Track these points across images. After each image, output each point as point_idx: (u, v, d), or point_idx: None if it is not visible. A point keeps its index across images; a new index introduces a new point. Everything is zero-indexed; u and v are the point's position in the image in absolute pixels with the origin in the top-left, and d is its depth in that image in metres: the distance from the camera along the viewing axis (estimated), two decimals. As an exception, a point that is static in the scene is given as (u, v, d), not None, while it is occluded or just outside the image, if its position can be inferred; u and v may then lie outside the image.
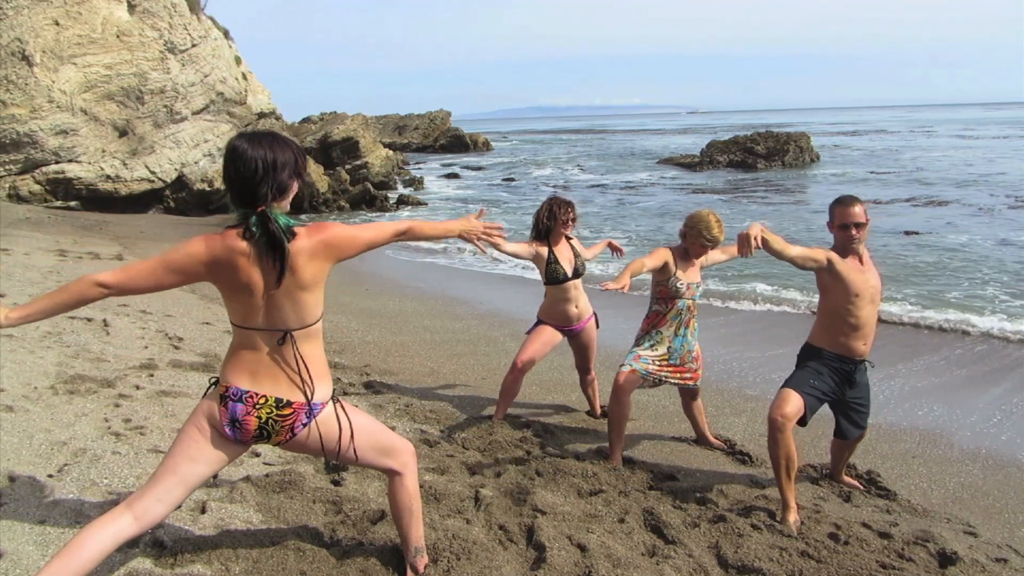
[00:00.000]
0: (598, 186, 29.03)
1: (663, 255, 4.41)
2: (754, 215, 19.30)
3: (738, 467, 4.62)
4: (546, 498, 3.54)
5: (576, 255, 4.99)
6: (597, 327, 5.17)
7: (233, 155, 2.20)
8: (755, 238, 3.44)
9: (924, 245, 14.32)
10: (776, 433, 3.63)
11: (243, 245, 2.20)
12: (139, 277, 2.23)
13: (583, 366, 5.26)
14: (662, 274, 4.45)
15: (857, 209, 3.80)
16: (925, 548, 3.37)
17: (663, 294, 4.48)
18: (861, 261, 3.85)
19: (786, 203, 21.59)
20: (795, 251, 3.69)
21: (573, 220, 4.94)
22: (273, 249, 2.19)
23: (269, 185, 2.20)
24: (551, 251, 4.89)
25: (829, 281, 3.82)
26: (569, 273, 4.89)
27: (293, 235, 2.23)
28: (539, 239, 4.93)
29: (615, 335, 7.30)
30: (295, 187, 2.31)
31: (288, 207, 2.32)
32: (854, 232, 3.78)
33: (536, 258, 4.89)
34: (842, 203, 3.85)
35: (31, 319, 2.24)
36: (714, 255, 4.65)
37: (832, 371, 3.85)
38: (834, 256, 3.80)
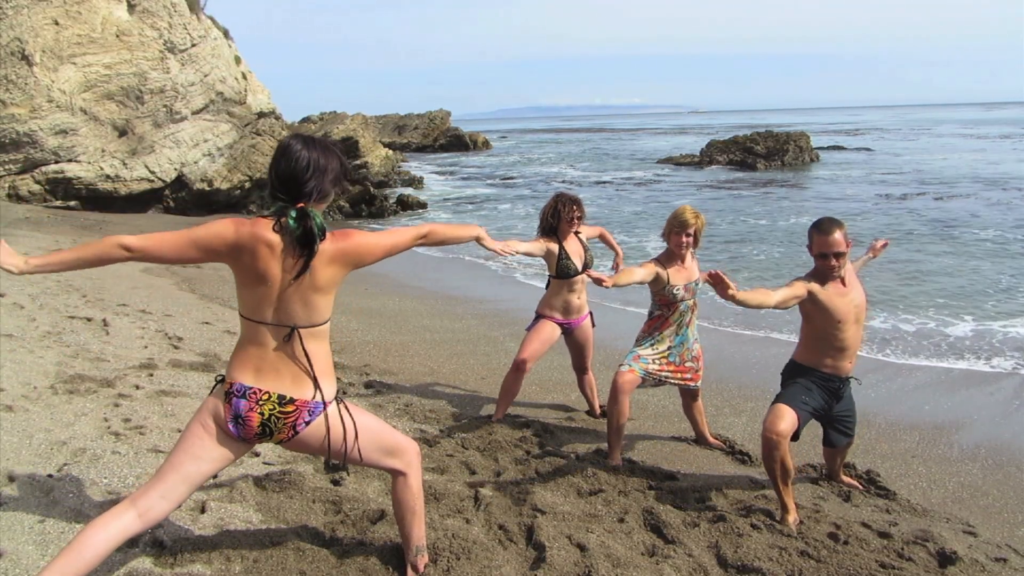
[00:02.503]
0: (600, 183, 29.07)
1: (652, 269, 4.38)
2: (788, 211, 19.33)
3: (738, 467, 4.63)
4: (546, 498, 3.55)
5: (585, 249, 5.02)
6: (593, 325, 5.19)
7: (286, 151, 2.29)
8: (729, 289, 3.26)
9: (950, 240, 14.46)
10: (772, 451, 3.58)
11: (270, 236, 2.24)
12: (164, 246, 2.25)
13: (580, 365, 5.27)
14: (656, 284, 4.46)
15: (836, 236, 3.60)
16: (925, 548, 3.37)
17: (664, 301, 4.50)
18: (844, 282, 3.71)
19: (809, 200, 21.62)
20: (776, 298, 3.55)
21: (579, 218, 4.92)
22: (303, 245, 2.24)
23: (314, 185, 2.28)
24: (562, 247, 4.90)
25: (812, 310, 3.72)
26: (579, 267, 4.93)
27: (324, 237, 2.28)
28: (547, 235, 4.94)
29: (613, 334, 7.31)
30: (332, 196, 2.39)
31: (322, 211, 2.38)
32: (833, 262, 3.62)
33: (547, 254, 4.90)
34: (820, 230, 3.65)
35: (50, 268, 2.22)
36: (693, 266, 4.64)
37: (821, 388, 3.81)
38: (814, 287, 3.67)
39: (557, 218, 4.88)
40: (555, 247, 4.88)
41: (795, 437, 3.73)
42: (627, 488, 3.93)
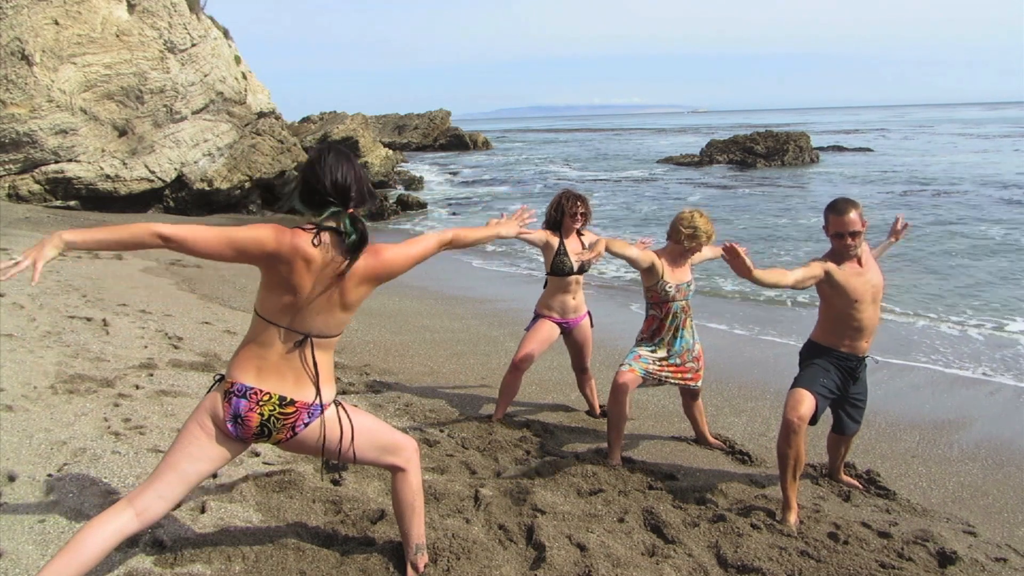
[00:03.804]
0: (598, 180, 29.08)
1: (650, 256, 4.38)
2: (804, 209, 19.33)
3: (738, 466, 4.63)
4: (546, 498, 3.55)
5: (589, 258, 4.99)
6: (592, 326, 5.19)
7: (335, 161, 2.32)
8: (746, 264, 3.39)
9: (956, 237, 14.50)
10: (791, 435, 3.62)
11: (310, 250, 2.25)
12: (200, 240, 2.22)
13: (579, 365, 5.27)
14: (650, 278, 4.42)
15: (852, 216, 3.67)
16: (924, 548, 3.37)
17: (655, 299, 4.47)
18: (860, 263, 3.79)
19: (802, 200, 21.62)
20: (793, 277, 3.61)
21: (583, 215, 4.90)
22: (355, 249, 2.29)
23: (358, 193, 2.34)
24: (562, 242, 4.89)
25: (829, 291, 3.79)
26: (575, 267, 4.91)
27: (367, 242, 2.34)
28: (551, 230, 4.94)
29: (613, 334, 7.31)
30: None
31: None
32: (849, 241, 3.69)
33: (546, 246, 4.89)
34: (836, 210, 3.72)
35: (85, 246, 2.18)
36: (705, 251, 4.60)
37: (838, 368, 3.86)
38: (831, 267, 3.72)
39: (560, 212, 4.88)
40: (555, 241, 4.88)
41: (813, 421, 3.76)
42: (627, 488, 3.94)
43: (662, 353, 4.50)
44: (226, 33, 20.56)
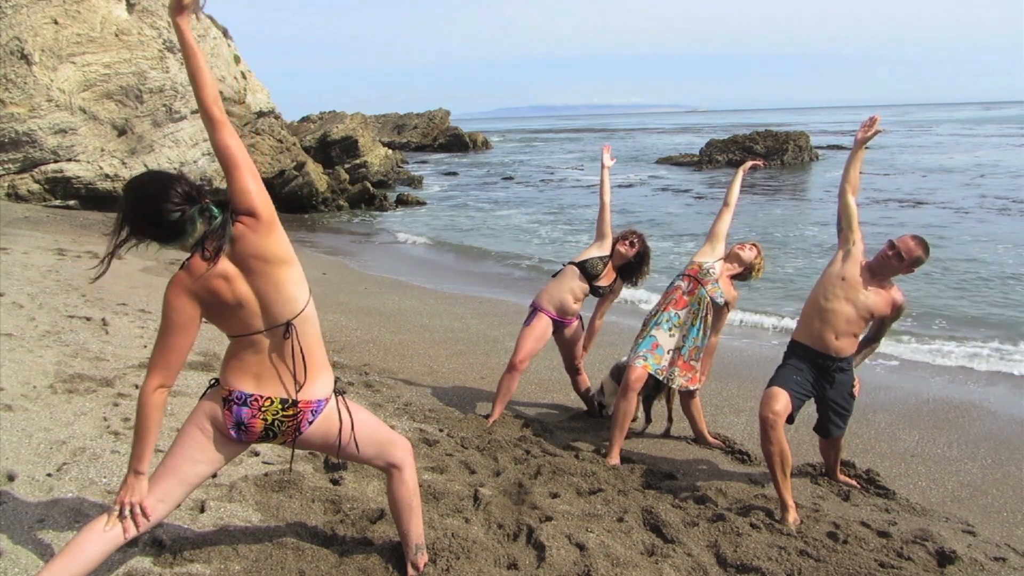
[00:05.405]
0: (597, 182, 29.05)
1: (721, 247, 4.72)
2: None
3: (737, 466, 4.63)
4: (546, 497, 3.55)
5: (611, 287, 5.12)
6: (583, 329, 5.27)
7: (151, 189, 2.16)
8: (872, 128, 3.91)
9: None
10: (768, 431, 3.70)
11: (207, 265, 2.17)
12: (176, 360, 2.23)
13: (572, 365, 5.32)
14: (709, 255, 4.65)
15: (912, 246, 3.79)
16: (924, 547, 3.38)
17: (693, 272, 4.61)
18: (873, 280, 3.85)
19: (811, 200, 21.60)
20: (852, 200, 3.88)
21: (630, 244, 5.00)
22: (225, 225, 2.17)
23: (192, 182, 2.20)
24: (609, 256, 5.05)
25: (835, 262, 3.91)
26: (599, 281, 5.03)
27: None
28: (612, 245, 5.07)
29: (612, 338, 7.30)
30: None
31: None
32: (889, 252, 3.79)
33: (602, 237, 5.06)
34: (912, 236, 3.89)
35: (149, 460, 2.26)
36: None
37: (810, 366, 3.93)
38: (860, 249, 3.86)
39: (618, 237, 5.10)
40: (608, 244, 5.05)
41: (790, 420, 3.83)
42: (626, 487, 3.94)
43: (677, 337, 4.58)
44: (225, 33, 20.55)
